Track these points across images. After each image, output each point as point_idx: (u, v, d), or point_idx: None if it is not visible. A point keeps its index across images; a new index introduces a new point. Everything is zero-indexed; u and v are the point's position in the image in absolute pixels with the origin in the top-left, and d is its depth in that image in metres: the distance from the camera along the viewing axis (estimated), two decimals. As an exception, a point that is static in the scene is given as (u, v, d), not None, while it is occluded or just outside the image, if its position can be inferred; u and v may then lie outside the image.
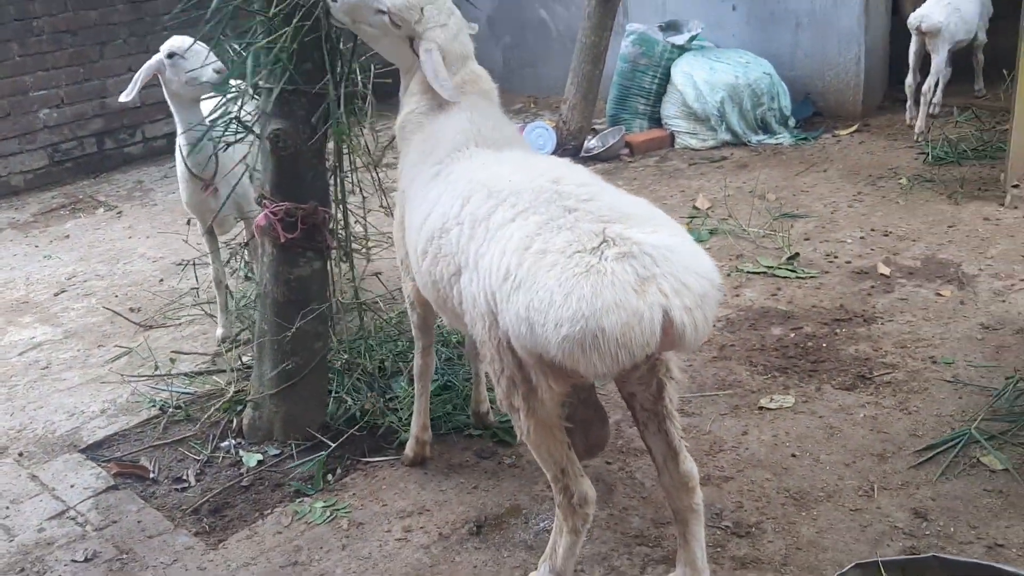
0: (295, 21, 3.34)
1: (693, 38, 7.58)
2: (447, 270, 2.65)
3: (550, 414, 2.54)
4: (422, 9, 3.07)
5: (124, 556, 3.24)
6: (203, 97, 4.34)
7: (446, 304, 2.78)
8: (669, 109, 7.51)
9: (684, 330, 2.15)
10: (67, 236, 6.65)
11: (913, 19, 6.85)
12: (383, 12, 3.09)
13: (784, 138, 7.25)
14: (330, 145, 3.81)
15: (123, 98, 4.36)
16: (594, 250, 2.21)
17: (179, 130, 4.40)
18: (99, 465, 3.79)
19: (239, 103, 3.76)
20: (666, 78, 7.51)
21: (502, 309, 2.33)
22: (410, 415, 3.70)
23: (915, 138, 6.89)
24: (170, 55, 4.22)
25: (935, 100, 6.98)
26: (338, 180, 3.94)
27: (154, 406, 4.18)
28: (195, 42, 4.07)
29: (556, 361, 2.23)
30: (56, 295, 5.61)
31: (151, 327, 5.05)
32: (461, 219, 2.59)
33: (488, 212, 2.50)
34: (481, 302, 2.45)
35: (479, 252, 2.46)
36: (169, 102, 4.42)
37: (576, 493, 2.62)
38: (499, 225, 2.43)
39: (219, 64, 4.09)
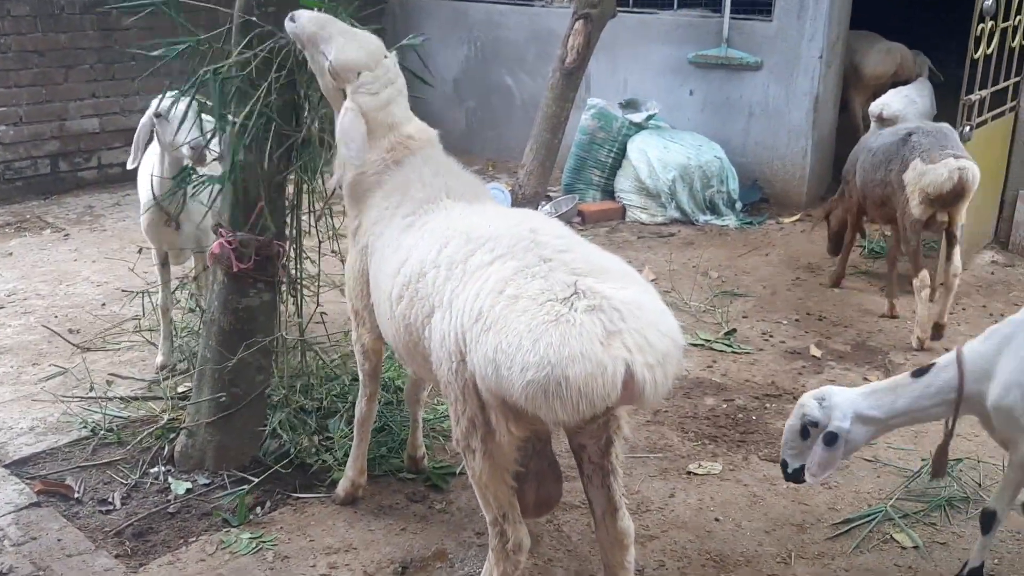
0: (275, 66, 3.44)
1: (650, 117, 7.85)
2: (422, 311, 2.68)
3: (506, 458, 2.57)
4: (358, 73, 3.13)
5: (41, 573, 3.19)
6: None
7: (416, 348, 2.79)
8: (622, 183, 7.74)
9: (644, 386, 2.20)
10: (10, 254, 6.56)
11: (874, 107, 7.28)
12: (327, 59, 3.17)
13: (730, 220, 7.51)
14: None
15: (130, 164, 4.46)
16: (565, 300, 2.26)
17: (157, 168, 4.39)
18: (23, 481, 3.73)
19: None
20: (622, 153, 7.76)
21: (471, 349, 2.36)
22: (345, 454, 3.72)
23: None
24: (157, 114, 4.24)
25: None
26: (295, 217, 3.99)
27: (85, 427, 4.13)
28: (175, 103, 4.10)
29: (518, 405, 2.27)
30: (-6, 310, 5.54)
31: (89, 349, 5.00)
32: (438, 263, 2.64)
33: (466, 255, 2.55)
34: (450, 341, 2.48)
35: (454, 292, 2.51)
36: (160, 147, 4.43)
37: (512, 539, 2.66)
38: (476, 268, 2.48)
39: (196, 140, 4.06)
